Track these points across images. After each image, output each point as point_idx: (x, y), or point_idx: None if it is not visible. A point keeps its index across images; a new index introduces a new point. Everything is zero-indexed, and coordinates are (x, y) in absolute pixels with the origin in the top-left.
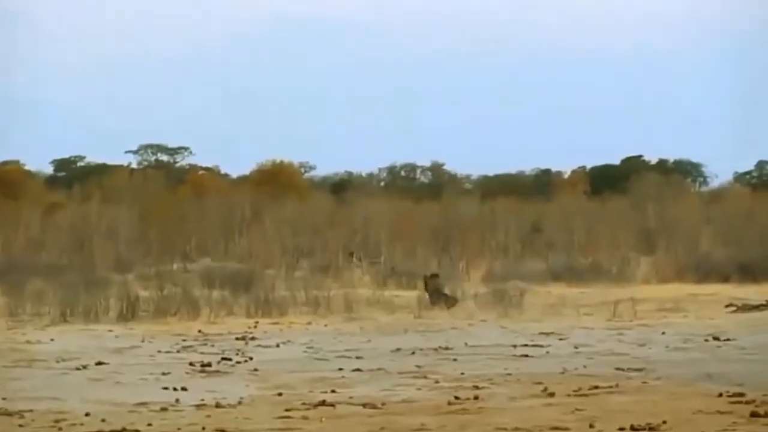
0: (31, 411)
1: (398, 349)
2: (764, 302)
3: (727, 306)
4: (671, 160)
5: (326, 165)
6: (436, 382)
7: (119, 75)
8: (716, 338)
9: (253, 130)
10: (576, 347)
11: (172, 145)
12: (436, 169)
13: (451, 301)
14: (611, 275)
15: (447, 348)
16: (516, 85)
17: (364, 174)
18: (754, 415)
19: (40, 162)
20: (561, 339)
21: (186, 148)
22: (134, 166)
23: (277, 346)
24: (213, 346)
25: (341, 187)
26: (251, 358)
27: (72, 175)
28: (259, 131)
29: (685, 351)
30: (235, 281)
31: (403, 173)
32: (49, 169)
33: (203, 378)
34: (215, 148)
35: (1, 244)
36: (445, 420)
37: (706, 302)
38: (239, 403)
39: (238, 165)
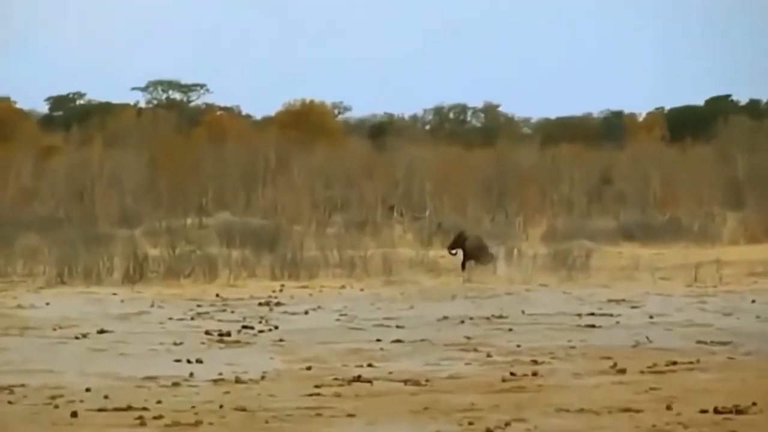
0: (23, 386)
1: (445, 318)
2: None
3: None
4: (764, 100)
5: (363, 106)
6: (488, 355)
7: (126, 1)
8: None
9: (280, 64)
10: (651, 317)
11: (185, 81)
12: (490, 110)
13: (486, 258)
14: (692, 234)
15: (501, 316)
16: (579, 14)
17: (406, 116)
18: None
19: (33, 100)
20: (633, 307)
21: (202, 85)
22: (142, 105)
23: (306, 313)
24: (232, 312)
25: (380, 131)
26: (276, 327)
27: (70, 114)
28: (286, 66)
29: None
30: (258, 238)
31: (451, 115)
32: (44, 108)
33: (221, 349)
34: (235, 84)
35: None
36: (498, 399)
37: None
38: (262, 378)
39: (261, 105)
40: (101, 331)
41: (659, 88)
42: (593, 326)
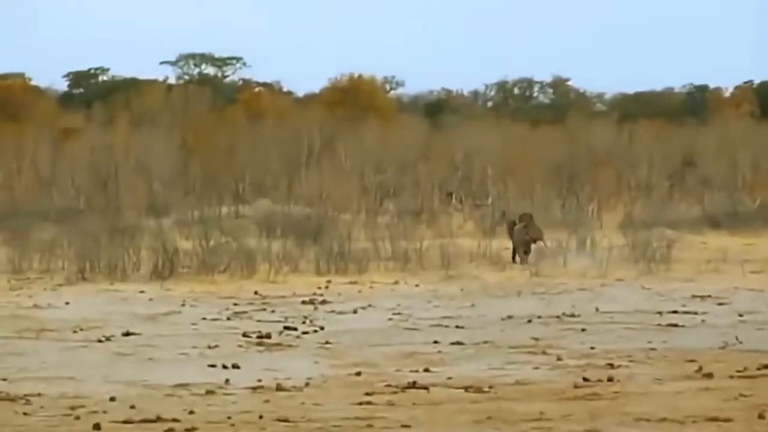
0: (39, 395)
1: (510, 317)
2: None
3: None
4: None
5: (418, 81)
6: (559, 359)
7: None
8: None
9: (325, 35)
10: (740, 315)
11: (220, 54)
12: (560, 85)
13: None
14: None
15: (573, 315)
16: None
17: (466, 92)
18: None
19: (51, 76)
20: (720, 304)
21: (238, 59)
22: (172, 81)
23: (355, 312)
24: (273, 312)
25: (437, 108)
26: (322, 328)
27: (92, 92)
28: (331, 37)
29: None
30: (302, 229)
31: (516, 91)
32: (62, 85)
33: (260, 353)
34: (276, 58)
35: (2, 180)
36: (570, 407)
37: None
38: (306, 384)
39: (305, 80)
40: (127, 334)
41: (747, 59)
42: (676, 325)
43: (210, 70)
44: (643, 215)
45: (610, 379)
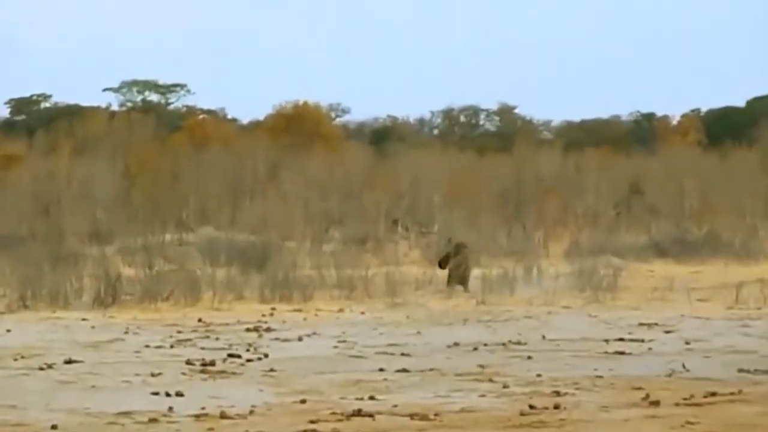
0: None
1: (456, 344)
2: None
3: None
4: None
5: (363, 108)
6: (505, 386)
7: None
8: None
9: (269, 62)
10: (687, 342)
11: (163, 81)
12: (506, 112)
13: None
14: (733, 250)
15: (519, 342)
16: (604, 6)
17: (412, 120)
18: None
19: None
20: (667, 332)
21: (182, 86)
22: (115, 107)
23: (300, 339)
24: (217, 339)
25: (383, 136)
26: (266, 355)
27: (34, 119)
28: (275, 65)
29: None
30: (246, 256)
31: (462, 118)
32: (3, 112)
33: (204, 380)
34: (220, 85)
35: None
36: None
37: None
38: (251, 412)
39: (249, 107)
40: (69, 361)
41: (695, 87)
42: (622, 353)
43: (153, 97)
44: (590, 243)
45: (556, 407)
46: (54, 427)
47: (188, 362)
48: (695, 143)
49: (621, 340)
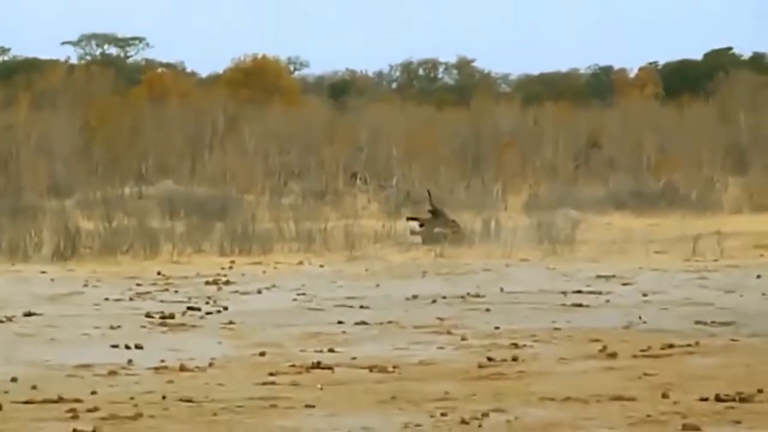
0: None
1: (415, 297)
2: None
3: None
4: None
5: (322, 61)
6: (463, 339)
7: None
8: None
9: (228, 16)
10: (644, 295)
11: (122, 34)
12: (464, 66)
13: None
14: (690, 202)
15: (477, 295)
16: None
17: (371, 73)
18: None
19: None
20: (625, 284)
21: (141, 39)
22: (74, 61)
23: (259, 292)
24: (176, 292)
25: (342, 89)
26: (225, 308)
27: None
28: (235, 18)
29: None
30: (205, 210)
31: (421, 72)
32: None
33: (164, 333)
34: (179, 38)
35: None
36: (474, 387)
37: None
38: (210, 365)
39: (208, 61)
40: (28, 314)
41: (652, 41)
42: (580, 305)
43: (112, 51)
44: (548, 196)
45: (514, 359)
46: (14, 379)
47: (148, 315)
48: (653, 96)
49: (579, 292)
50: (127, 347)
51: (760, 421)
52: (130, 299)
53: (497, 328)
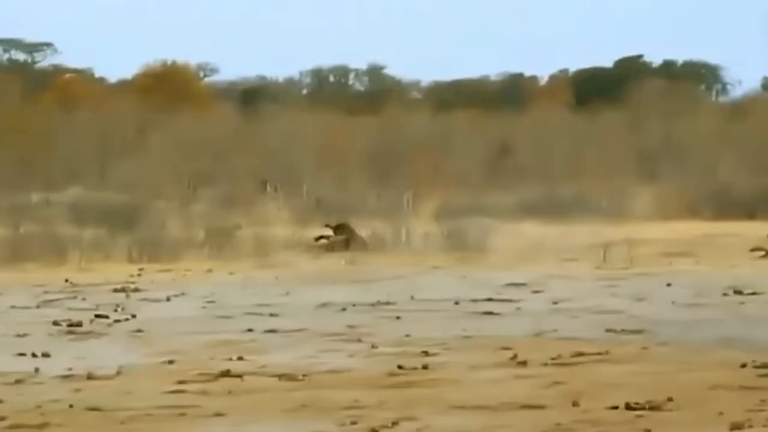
0: None
1: (325, 305)
2: None
3: (752, 250)
4: (680, 61)
5: (232, 68)
6: (374, 346)
7: None
8: (738, 291)
9: (137, 22)
10: (555, 302)
11: (30, 39)
12: (375, 73)
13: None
14: (601, 210)
15: (388, 303)
16: None
17: (281, 79)
18: None
19: None
20: (536, 292)
21: (49, 45)
22: None
23: (168, 299)
24: (84, 300)
25: (253, 95)
26: (134, 316)
27: None
28: (144, 24)
29: (697, 308)
30: (114, 217)
31: (331, 78)
32: None
33: (71, 341)
34: (87, 44)
35: None
36: (385, 395)
37: (725, 245)
38: (118, 373)
39: (117, 67)
40: None
41: (563, 48)
42: (491, 313)
43: (20, 56)
44: (459, 204)
45: (425, 367)
46: None
47: (55, 323)
48: (564, 104)
49: (490, 300)
50: (34, 355)
51: (669, 429)
52: (38, 307)
53: (408, 335)
